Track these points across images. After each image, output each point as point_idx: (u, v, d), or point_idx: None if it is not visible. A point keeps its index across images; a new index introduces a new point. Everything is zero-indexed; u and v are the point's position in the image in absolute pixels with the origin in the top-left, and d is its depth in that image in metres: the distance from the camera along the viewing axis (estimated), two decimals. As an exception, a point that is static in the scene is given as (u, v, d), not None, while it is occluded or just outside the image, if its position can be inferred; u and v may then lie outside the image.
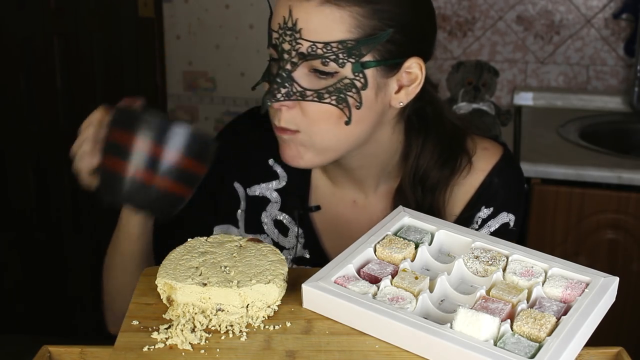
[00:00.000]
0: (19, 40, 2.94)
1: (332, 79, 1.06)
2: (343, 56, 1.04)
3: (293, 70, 1.06)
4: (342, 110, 1.07)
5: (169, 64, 2.90)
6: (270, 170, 1.28)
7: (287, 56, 1.05)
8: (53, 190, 3.09)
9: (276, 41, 1.07)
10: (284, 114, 1.08)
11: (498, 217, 1.22)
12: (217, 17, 2.82)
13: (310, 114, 1.08)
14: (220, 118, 2.92)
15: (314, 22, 1.04)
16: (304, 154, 1.11)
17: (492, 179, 1.22)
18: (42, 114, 3.00)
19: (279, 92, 1.06)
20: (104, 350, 0.92)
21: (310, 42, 1.04)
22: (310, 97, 1.06)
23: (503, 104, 2.70)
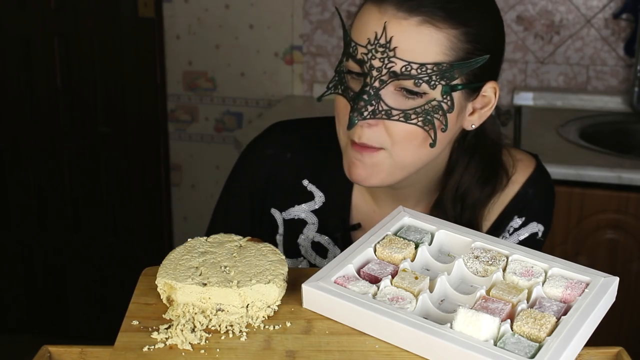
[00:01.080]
0: (19, 40, 2.94)
1: (419, 100, 1.04)
2: (436, 78, 1.02)
3: (381, 88, 1.03)
4: (427, 132, 1.05)
5: (169, 64, 2.90)
6: (305, 191, 1.24)
7: (376, 73, 1.03)
8: (53, 190, 3.09)
9: (363, 56, 1.03)
10: (365, 131, 1.05)
11: (528, 227, 1.22)
12: (217, 17, 2.82)
13: (394, 133, 1.05)
14: (221, 118, 2.92)
15: (410, 41, 1.02)
16: (377, 173, 1.09)
17: (527, 189, 1.22)
18: (42, 114, 3.01)
19: (365, 110, 1.03)
20: (104, 350, 0.92)
21: (405, 62, 1.01)
22: (396, 117, 1.04)
23: (503, 104, 2.70)
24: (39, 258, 3.18)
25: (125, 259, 3.09)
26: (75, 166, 3.05)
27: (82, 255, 3.14)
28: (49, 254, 3.16)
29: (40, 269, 3.19)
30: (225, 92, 2.89)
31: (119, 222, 3.09)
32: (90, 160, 3.03)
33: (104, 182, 3.05)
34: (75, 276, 3.17)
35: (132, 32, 2.87)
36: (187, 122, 2.95)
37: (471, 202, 1.19)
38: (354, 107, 1.03)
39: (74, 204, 3.10)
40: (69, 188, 3.08)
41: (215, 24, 2.83)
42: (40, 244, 3.16)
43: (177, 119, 2.96)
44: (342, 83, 1.08)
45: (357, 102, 1.03)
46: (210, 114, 2.93)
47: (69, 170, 3.06)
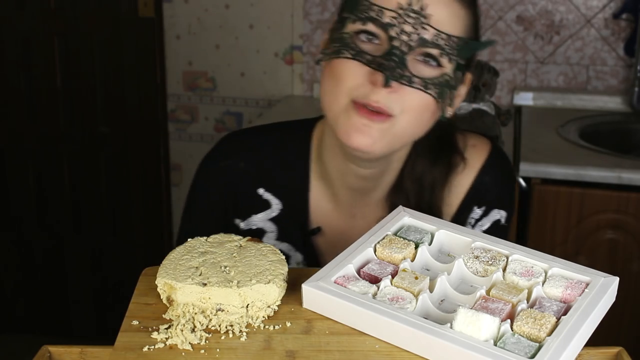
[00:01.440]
0: (19, 40, 2.94)
1: (436, 72, 1.05)
2: (456, 53, 1.05)
3: (408, 53, 1.03)
4: (439, 104, 1.06)
5: (169, 64, 2.90)
6: (261, 200, 1.23)
7: (405, 38, 1.03)
8: (53, 190, 3.09)
9: (393, 20, 1.03)
10: (385, 95, 1.03)
11: (490, 215, 1.22)
12: (217, 17, 2.82)
13: (409, 101, 1.04)
14: (221, 118, 2.92)
15: (442, 12, 1.04)
16: (380, 141, 1.06)
17: (482, 178, 1.22)
18: (42, 114, 3.01)
19: (395, 72, 1.02)
20: (104, 350, 0.92)
21: (437, 31, 1.03)
22: (417, 85, 1.04)
23: (503, 104, 2.70)
24: (39, 258, 3.18)
25: (125, 259, 3.09)
26: (75, 166, 3.05)
27: (82, 255, 3.14)
28: (49, 254, 3.16)
29: (40, 269, 3.19)
30: (225, 92, 2.89)
31: (119, 222, 3.09)
32: (90, 160, 3.03)
33: (104, 182, 3.05)
34: (75, 276, 3.17)
35: (132, 32, 2.87)
36: (187, 122, 2.95)
37: (428, 184, 1.19)
38: (388, 66, 1.01)
39: (74, 204, 3.10)
40: (69, 188, 3.08)
41: (215, 24, 2.83)
42: (40, 244, 3.16)
43: (177, 119, 2.96)
44: (351, 47, 1.05)
45: (389, 62, 1.01)
46: (210, 114, 2.93)
47: (69, 170, 3.06)
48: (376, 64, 1.03)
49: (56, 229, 3.13)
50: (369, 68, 1.03)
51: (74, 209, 3.10)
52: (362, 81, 1.04)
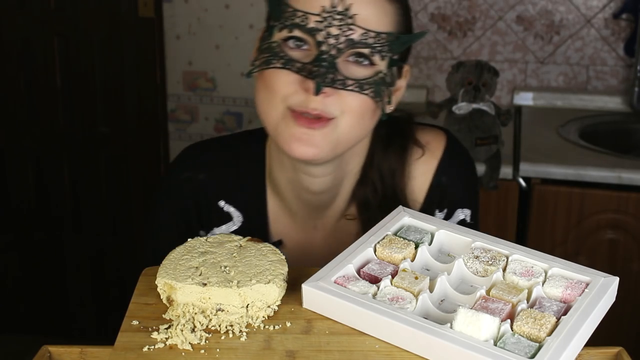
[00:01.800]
0: (19, 40, 2.94)
1: (369, 71, 1.04)
2: (387, 49, 1.04)
3: (338, 56, 1.01)
4: (377, 104, 1.05)
5: (169, 64, 2.90)
6: (222, 212, 1.21)
7: (333, 41, 1.01)
8: (53, 190, 3.09)
9: (318, 24, 1.01)
10: (322, 100, 1.02)
11: (453, 217, 1.20)
12: (217, 17, 2.82)
13: (348, 103, 1.03)
14: (221, 118, 2.92)
15: (367, 10, 1.03)
16: (323, 147, 1.05)
17: (439, 179, 1.20)
18: (42, 114, 3.01)
19: (326, 77, 1.00)
20: (104, 350, 0.92)
21: (364, 30, 1.02)
22: (351, 87, 1.02)
23: (503, 104, 2.70)
24: (39, 258, 3.18)
25: (125, 259, 3.09)
26: (75, 166, 3.05)
27: (82, 255, 3.14)
28: (49, 254, 3.16)
29: (40, 269, 3.19)
30: (225, 92, 2.89)
31: (119, 222, 3.09)
32: (90, 160, 3.03)
33: (104, 182, 3.05)
34: (75, 276, 3.17)
35: (132, 32, 2.87)
36: (187, 122, 2.95)
37: (387, 171, 1.18)
38: (317, 72, 1.00)
39: (74, 204, 3.10)
40: (69, 188, 3.08)
41: (215, 24, 2.83)
42: (40, 244, 3.16)
43: (177, 119, 2.96)
44: (280, 56, 1.03)
45: (319, 69, 1.00)
46: (210, 114, 2.93)
47: (69, 170, 3.06)
48: (306, 72, 1.01)
49: (56, 229, 3.13)
50: (300, 76, 1.02)
51: (74, 208, 3.10)
52: (295, 88, 1.03)
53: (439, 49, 2.73)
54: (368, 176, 1.18)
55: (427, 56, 2.75)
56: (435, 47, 2.73)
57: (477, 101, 2.16)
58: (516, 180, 2.19)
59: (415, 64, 2.75)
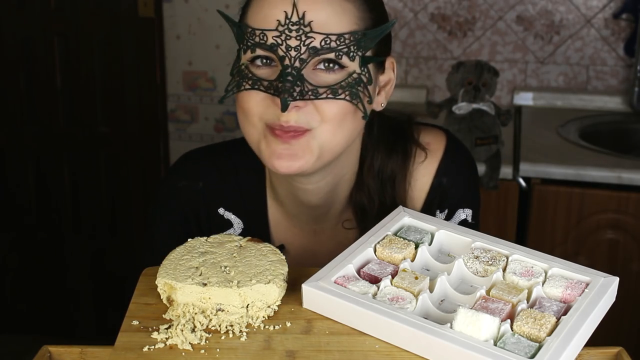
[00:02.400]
0: (19, 40, 2.94)
1: (340, 74, 1.02)
2: (354, 49, 1.01)
3: (303, 67, 1.00)
4: (356, 105, 1.03)
5: (169, 64, 2.90)
6: (222, 219, 1.21)
7: (294, 53, 0.99)
8: (53, 190, 3.09)
9: (276, 40, 1.00)
10: (294, 114, 1.01)
11: (454, 217, 1.20)
12: (217, 17, 2.82)
13: (324, 111, 1.02)
14: (221, 118, 2.92)
15: (323, 13, 1.00)
16: (306, 157, 1.04)
17: (440, 179, 1.19)
18: (42, 114, 3.01)
19: (293, 91, 0.99)
20: (104, 350, 0.92)
21: (324, 35, 0.99)
22: (324, 95, 1.00)
23: (503, 104, 2.70)
24: (39, 258, 3.18)
25: (125, 259, 3.09)
26: (75, 166, 3.05)
27: (82, 255, 3.14)
28: (49, 254, 3.16)
29: (40, 269, 3.19)
30: (225, 92, 2.88)
31: (119, 222, 3.09)
32: (90, 160, 3.03)
33: (104, 182, 3.05)
34: (75, 276, 3.17)
35: (132, 32, 2.87)
36: (187, 122, 2.95)
37: (387, 177, 1.17)
38: (282, 88, 0.98)
39: (74, 204, 3.10)
40: (69, 188, 3.08)
41: (215, 24, 2.83)
42: (40, 244, 3.16)
43: (177, 119, 2.96)
44: (248, 77, 1.03)
45: (284, 84, 0.98)
46: (210, 114, 2.93)
47: (69, 170, 3.06)
48: (273, 89, 1.01)
49: (56, 229, 3.13)
50: (268, 94, 1.01)
51: (74, 208, 3.10)
52: (267, 104, 1.02)
53: (439, 49, 2.73)
54: (364, 182, 1.17)
55: (427, 56, 2.75)
56: (435, 47, 2.73)
57: (477, 101, 2.16)
58: (516, 180, 2.19)
59: (415, 64, 2.75)
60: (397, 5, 2.71)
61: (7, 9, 2.91)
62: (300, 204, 1.17)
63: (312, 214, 1.19)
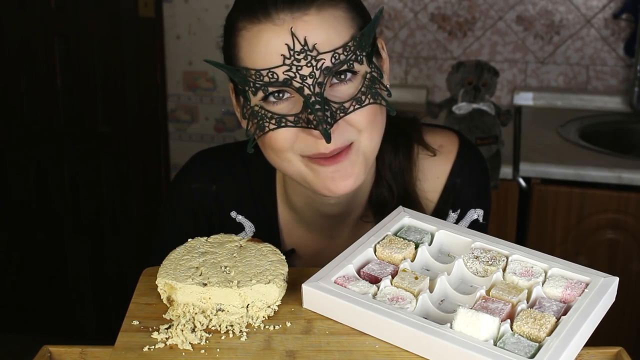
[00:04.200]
0: (19, 40, 2.94)
1: (356, 80, 1.01)
2: (359, 52, 1.00)
3: (323, 91, 0.98)
4: (380, 104, 1.02)
5: (169, 64, 2.90)
6: (234, 222, 1.20)
7: (310, 80, 0.97)
8: (53, 190, 3.09)
9: (287, 75, 0.97)
10: (332, 138, 0.98)
11: (466, 217, 1.20)
12: (217, 17, 2.82)
13: (358, 122, 1.01)
14: (221, 118, 2.92)
15: (322, 31, 0.98)
16: (356, 173, 1.03)
17: (453, 181, 1.19)
18: (42, 114, 3.01)
19: (327, 118, 0.96)
20: (104, 350, 0.92)
21: (331, 52, 0.98)
22: (351, 108, 0.99)
23: (503, 104, 2.70)
24: (40, 257, 3.18)
25: (126, 258, 3.09)
26: (76, 166, 3.05)
27: (83, 254, 3.14)
28: (50, 254, 3.16)
29: (40, 269, 3.19)
30: (225, 92, 2.89)
31: (119, 222, 3.09)
32: (91, 160, 3.03)
33: (104, 181, 3.06)
34: (75, 276, 3.17)
35: (132, 32, 2.87)
36: (187, 122, 2.95)
37: (398, 169, 1.17)
38: (317, 120, 0.96)
39: (74, 204, 3.10)
40: (69, 188, 3.08)
41: (215, 24, 2.82)
42: (40, 243, 3.16)
43: (177, 119, 2.96)
44: (269, 117, 1.00)
45: (315, 114, 0.96)
46: (210, 114, 2.93)
47: (69, 170, 3.06)
48: (304, 122, 0.99)
49: (56, 229, 3.13)
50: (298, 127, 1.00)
51: (74, 208, 3.10)
52: (301, 138, 1.01)
53: (439, 49, 2.73)
54: (382, 176, 1.17)
55: (427, 56, 2.75)
56: (435, 47, 2.73)
57: (477, 101, 2.16)
58: (516, 180, 2.19)
59: (415, 64, 2.75)
60: (397, 5, 2.71)
61: (7, 9, 2.91)
62: (318, 213, 1.17)
63: (329, 222, 1.18)
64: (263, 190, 1.20)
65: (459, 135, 1.23)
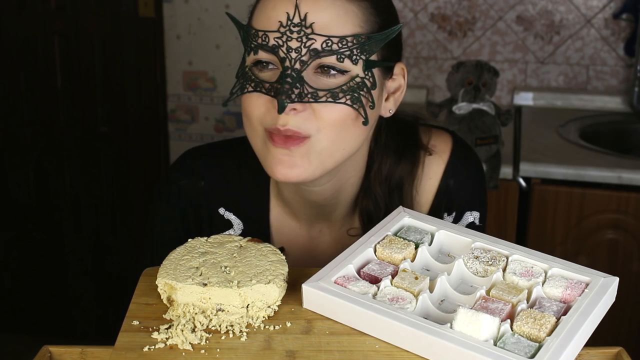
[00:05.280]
0: (19, 40, 2.94)
1: (342, 78, 0.99)
2: (357, 52, 0.99)
3: (303, 69, 0.98)
4: (357, 110, 1.00)
5: (169, 64, 2.90)
6: (222, 219, 1.20)
7: (295, 55, 0.98)
8: (53, 190, 3.09)
9: (277, 41, 0.98)
10: (292, 117, 0.98)
11: (462, 220, 1.19)
12: (217, 17, 2.82)
13: (324, 116, 0.99)
14: (221, 118, 2.92)
15: (325, 15, 0.98)
16: (307, 165, 1.02)
17: (447, 182, 1.18)
18: (42, 114, 3.01)
19: (292, 93, 0.97)
20: (105, 350, 0.92)
21: (325, 37, 0.97)
22: (323, 98, 0.98)
23: (503, 104, 2.70)
24: (40, 257, 3.18)
25: (126, 258, 3.09)
26: (76, 166, 3.05)
27: (83, 255, 3.14)
28: (50, 253, 3.16)
29: (40, 269, 3.19)
30: (225, 92, 2.89)
31: (119, 222, 3.09)
32: (91, 159, 3.03)
33: (104, 182, 3.05)
34: (75, 276, 3.17)
35: (132, 32, 2.87)
36: (187, 122, 2.95)
37: (395, 183, 1.15)
38: (281, 90, 0.96)
39: (74, 204, 3.10)
40: (69, 188, 3.08)
41: (215, 24, 2.83)
42: (40, 244, 3.16)
43: (177, 119, 2.96)
44: (251, 80, 1.02)
45: (282, 85, 0.97)
46: (210, 114, 2.93)
47: (69, 170, 3.06)
48: (274, 91, 0.99)
49: (56, 229, 3.13)
50: (269, 96, 1.00)
51: (74, 208, 3.10)
52: (267, 108, 1.01)
53: (439, 49, 2.73)
54: (370, 188, 1.16)
55: (427, 56, 2.75)
56: (435, 47, 2.73)
57: (477, 101, 2.16)
58: (516, 180, 2.19)
59: (415, 64, 2.75)
60: (397, 5, 2.70)
61: (7, 9, 2.91)
62: (306, 203, 1.16)
63: (317, 213, 1.18)
64: (255, 187, 1.20)
65: (453, 136, 1.21)
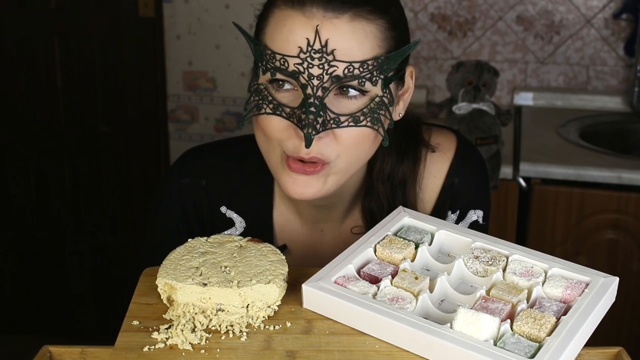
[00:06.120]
0: (19, 40, 2.94)
1: (363, 100, 0.99)
2: (376, 74, 0.98)
3: (325, 96, 0.97)
4: (377, 131, 1.00)
5: (169, 64, 2.90)
6: (224, 218, 1.19)
7: (317, 82, 0.96)
8: (53, 190, 3.09)
9: (297, 67, 0.96)
10: (315, 144, 0.97)
11: (466, 218, 1.19)
12: (217, 17, 2.82)
13: (344, 140, 1.00)
14: (221, 118, 2.92)
15: (346, 41, 0.96)
16: (323, 185, 1.03)
17: (451, 181, 1.18)
18: (42, 114, 3.01)
19: (317, 123, 0.96)
20: (105, 350, 0.92)
21: (347, 63, 0.96)
22: (345, 123, 0.98)
23: (503, 104, 2.70)
24: (40, 257, 3.18)
25: (126, 258, 3.09)
26: (76, 166, 3.05)
27: (83, 254, 3.14)
28: (50, 253, 3.16)
29: (40, 269, 3.19)
30: (225, 92, 2.89)
31: (119, 222, 3.10)
32: (91, 159, 3.03)
33: (104, 182, 3.06)
34: (75, 276, 3.17)
35: (132, 32, 2.87)
36: (187, 122, 2.95)
37: (398, 181, 1.16)
38: (306, 122, 0.95)
39: (75, 204, 3.10)
40: (70, 188, 3.08)
41: (215, 24, 2.83)
42: (40, 243, 3.16)
43: (177, 119, 2.96)
44: (268, 101, 1.00)
45: (307, 116, 0.95)
46: (210, 114, 2.93)
47: (69, 169, 3.06)
48: (296, 118, 0.98)
49: (57, 229, 3.13)
50: (291, 122, 0.99)
51: (74, 208, 3.10)
52: (289, 134, 1.00)
53: (439, 49, 2.73)
54: (373, 187, 1.16)
55: (427, 56, 2.75)
56: (435, 47, 2.73)
57: (477, 101, 2.16)
58: (516, 180, 2.19)
59: (415, 64, 2.75)
60: (397, 5, 2.71)
61: (7, 8, 2.91)
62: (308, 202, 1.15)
63: (320, 211, 1.18)
64: (259, 185, 1.19)
65: (457, 135, 1.22)
